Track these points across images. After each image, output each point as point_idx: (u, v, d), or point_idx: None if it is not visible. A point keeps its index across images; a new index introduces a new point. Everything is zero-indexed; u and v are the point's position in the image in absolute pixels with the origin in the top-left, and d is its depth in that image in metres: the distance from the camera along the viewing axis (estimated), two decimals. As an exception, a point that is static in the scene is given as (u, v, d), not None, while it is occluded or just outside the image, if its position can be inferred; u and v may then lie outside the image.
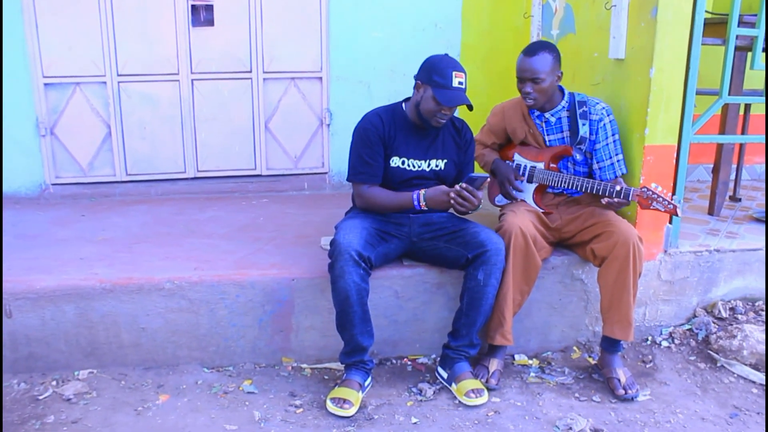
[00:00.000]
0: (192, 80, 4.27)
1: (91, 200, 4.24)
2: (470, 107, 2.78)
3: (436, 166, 2.94)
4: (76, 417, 2.57)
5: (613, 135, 3.03)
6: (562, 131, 3.06)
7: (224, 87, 4.33)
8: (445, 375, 2.88)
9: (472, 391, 2.75)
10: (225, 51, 4.28)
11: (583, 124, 3.00)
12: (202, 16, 4.20)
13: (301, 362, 3.01)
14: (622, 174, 3.06)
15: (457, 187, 2.69)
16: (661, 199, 2.73)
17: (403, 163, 2.89)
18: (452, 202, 2.71)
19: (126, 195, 4.32)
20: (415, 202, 2.80)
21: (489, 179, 2.91)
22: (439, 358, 2.98)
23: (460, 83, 2.78)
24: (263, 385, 2.84)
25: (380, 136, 2.85)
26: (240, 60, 4.31)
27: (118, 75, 4.19)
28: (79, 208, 4.02)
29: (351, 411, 2.63)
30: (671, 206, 2.73)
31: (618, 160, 3.04)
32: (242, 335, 2.94)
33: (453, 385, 2.82)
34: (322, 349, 3.02)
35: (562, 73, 2.98)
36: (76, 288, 2.79)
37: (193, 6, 4.16)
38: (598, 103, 3.03)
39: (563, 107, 3.04)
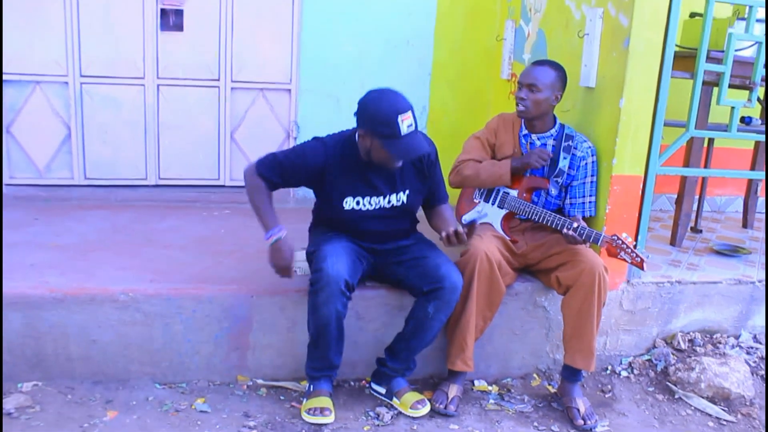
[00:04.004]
0: (158, 85, 4.17)
1: (47, 203, 4.10)
2: (427, 154, 2.65)
3: (398, 200, 2.76)
4: (17, 433, 2.46)
5: (592, 176, 3.03)
6: None
7: (191, 94, 4.24)
8: (383, 390, 2.86)
9: (418, 402, 2.77)
10: (193, 57, 4.19)
11: (564, 158, 2.98)
12: (171, 20, 4.12)
13: (257, 381, 2.93)
14: (591, 216, 3.06)
15: (459, 229, 2.59)
16: (629, 250, 2.72)
17: (357, 203, 2.71)
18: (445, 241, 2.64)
19: (83, 200, 4.19)
20: (266, 236, 2.71)
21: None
22: (372, 374, 2.94)
23: (410, 126, 2.49)
24: (216, 404, 2.75)
25: (314, 172, 2.66)
26: (208, 67, 4.23)
27: (81, 76, 4.08)
28: (33, 211, 3.88)
29: (331, 417, 2.63)
30: (638, 259, 2.71)
31: (590, 201, 3.04)
32: (197, 351, 2.85)
33: (394, 399, 2.81)
34: (279, 368, 2.94)
35: (561, 95, 2.97)
36: (24, 296, 2.68)
37: (162, 10, 4.08)
38: (585, 141, 3.03)
39: (552, 135, 3.03)
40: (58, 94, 4.08)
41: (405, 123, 2.47)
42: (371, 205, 2.72)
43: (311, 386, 2.74)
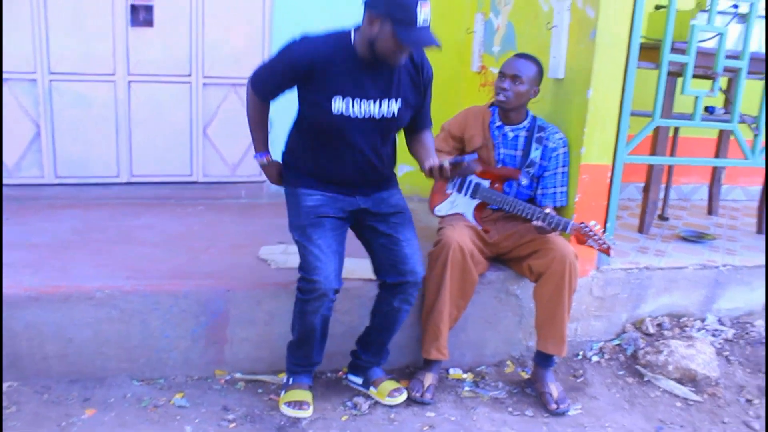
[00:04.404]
0: (129, 82, 4.15)
1: (18, 203, 4.06)
2: (438, 47, 2.38)
3: (389, 109, 2.55)
4: (-5, 432, 2.45)
5: (563, 166, 3.09)
6: (516, 149, 3.08)
7: (162, 90, 4.22)
8: (359, 380, 2.90)
9: (395, 390, 2.81)
10: (164, 53, 4.17)
11: (536, 149, 3.04)
12: (142, 16, 4.10)
13: (235, 375, 2.95)
14: (562, 206, 3.12)
15: (445, 165, 2.49)
16: (597, 237, 2.79)
17: (347, 104, 2.48)
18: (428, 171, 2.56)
19: (55, 198, 4.16)
20: (254, 156, 2.76)
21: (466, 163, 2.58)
22: (348, 365, 2.97)
23: (426, 20, 2.33)
24: (195, 399, 2.77)
25: (303, 71, 2.46)
26: (179, 63, 4.21)
27: (50, 73, 4.04)
28: (4, 211, 3.84)
29: (310, 411, 2.65)
30: (606, 246, 2.78)
31: (561, 192, 3.10)
32: (175, 347, 2.87)
33: (372, 389, 2.85)
34: (257, 362, 2.97)
35: (538, 90, 3.02)
36: (-1, 296, 2.67)
37: (132, 5, 4.05)
38: (557, 133, 3.09)
39: (524, 127, 3.07)
40: (26, 91, 4.04)
41: (423, 12, 2.30)
42: (360, 111, 2.51)
43: (291, 378, 2.75)
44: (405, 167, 4.41)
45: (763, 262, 3.63)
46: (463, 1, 4.52)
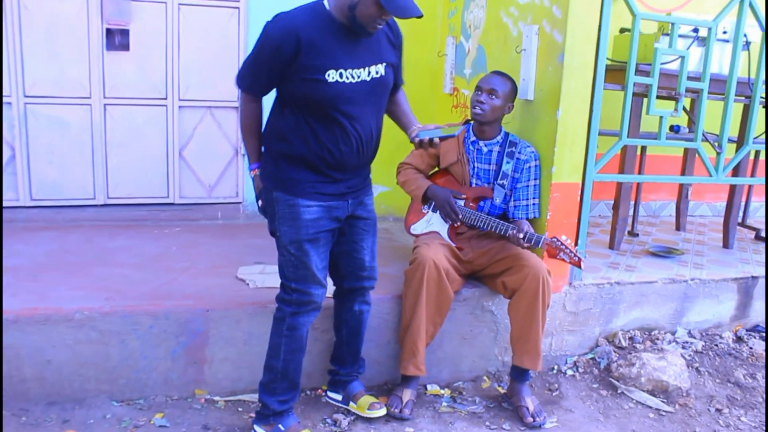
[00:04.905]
0: (105, 105, 4.17)
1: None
2: (420, 16, 2.32)
3: (377, 72, 2.51)
4: (-27, 456, 2.44)
5: (535, 179, 3.18)
6: (489, 163, 3.17)
7: (138, 113, 4.25)
8: (339, 397, 2.93)
9: (374, 403, 2.84)
10: (140, 77, 4.21)
11: (508, 162, 3.13)
12: (117, 40, 4.13)
13: (215, 395, 2.96)
14: (534, 217, 3.20)
15: (435, 140, 2.49)
16: (568, 250, 2.86)
17: (341, 75, 2.41)
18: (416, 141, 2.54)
19: (30, 221, 4.15)
20: (249, 167, 2.62)
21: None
22: (328, 383, 3.00)
23: None
24: (175, 419, 2.78)
25: (290, 47, 2.35)
26: (155, 86, 4.25)
27: (25, 96, 4.04)
28: (-21, 235, 3.83)
29: None
30: (576, 258, 2.86)
31: (533, 204, 3.18)
32: (154, 367, 2.87)
33: (351, 404, 2.88)
34: (236, 381, 2.98)
35: (512, 107, 3.12)
36: (-24, 319, 2.66)
37: (107, 29, 4.09)
38: (528, 147, 3.18)
39: (497, 142, 3.16)
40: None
41: None
42: (354, 78, 2.44)
43: (280, 424, 2.64)
44: (380, 188, 4.48)
45: (729, 276, 3.75)
46: (434, 26, 4.62)
